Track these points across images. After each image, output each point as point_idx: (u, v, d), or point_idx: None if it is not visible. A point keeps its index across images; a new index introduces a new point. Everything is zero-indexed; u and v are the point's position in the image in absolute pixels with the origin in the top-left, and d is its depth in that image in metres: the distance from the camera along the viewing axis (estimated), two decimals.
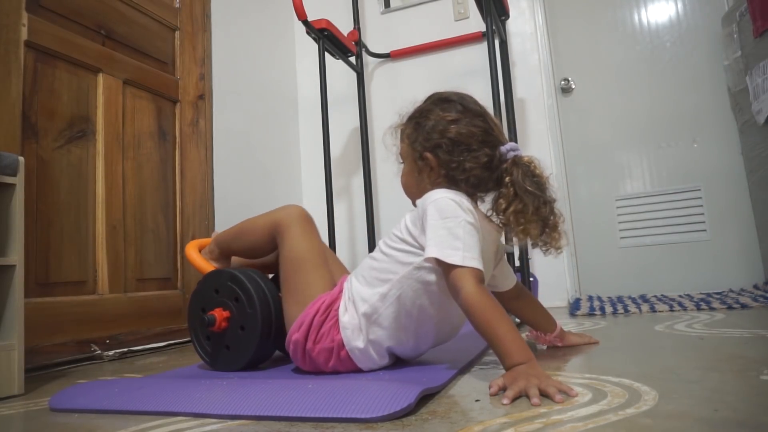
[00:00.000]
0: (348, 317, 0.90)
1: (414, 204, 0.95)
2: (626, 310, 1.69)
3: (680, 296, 2.00)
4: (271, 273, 1.15)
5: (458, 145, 0.90)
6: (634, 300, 1.97)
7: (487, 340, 0.78)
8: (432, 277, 0.86)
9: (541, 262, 2.10)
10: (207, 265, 1.14)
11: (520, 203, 0.87)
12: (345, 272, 1.07)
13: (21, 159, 1.03)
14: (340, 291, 0.95)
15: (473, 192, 0.93)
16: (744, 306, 1.58)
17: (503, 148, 0.91)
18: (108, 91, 1.59)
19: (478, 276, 0.80)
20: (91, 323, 1.44)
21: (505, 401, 0.66)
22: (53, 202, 1.39)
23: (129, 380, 0.99)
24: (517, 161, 0.90)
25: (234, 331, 1.01)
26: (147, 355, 1.49)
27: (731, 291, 2.02)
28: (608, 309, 1.73)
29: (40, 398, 0.93)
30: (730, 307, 1.58)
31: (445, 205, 0.85)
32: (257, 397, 0.71)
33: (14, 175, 1.01)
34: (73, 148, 1.47)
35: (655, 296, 2.09)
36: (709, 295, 1.96)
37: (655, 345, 1.07)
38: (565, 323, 1.53)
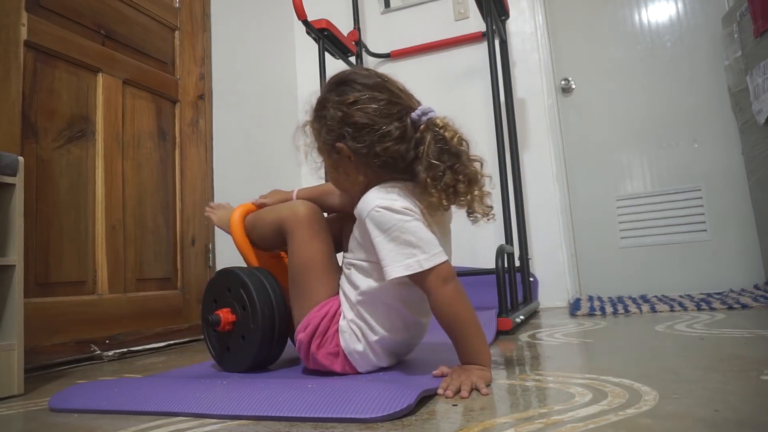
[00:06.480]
0: (345, 322, 0.89)
1: (353, 198, 0.90)
2: (626, 310, 1.69)
3: (681, 296, 2.00)
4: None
5: (363, 128, 0.83)
6: (634, 300, 1.97)
7: (454, 337, 0.80)
8: (402, 287, 0.84)
9: (541, 262, 2.10)
10: (250, 251, 1.07)
11: (437, 172, 0.81)
12: None
13: (21, 159, 1.03)
14: None
15: (400, 174, 0.85)
16: (744, 306, 1.58)
17: (414, 115, 0.84)
18: (108, 91, 1.58)
19: (443, 271, 0.78)
20: (90, 323, 1.43)
21: (441, 391, 0.73)
22: (53, 202, 1.39)
23: (129, 380, 0.99)
24: (430, 125, 0.83)
25: (236, 338, 1.00)
26: (147, 355, 1.49)
27: (732, 291, 2.02)
28: (608, 309, 1.73)
29: (40, 398, 0.93)
30: (730, 308, 1.58)
31: (380, 217, 0.80)
32: (257, 397, 0.71)
33: (14, 175, 1.01)
34: (73, 148, 1.47)
35: (656, 296, 2.09)
36: (709, 295, 1.96)
37: (655, 345, 1.07)
38: (565, 323, 1.53)
